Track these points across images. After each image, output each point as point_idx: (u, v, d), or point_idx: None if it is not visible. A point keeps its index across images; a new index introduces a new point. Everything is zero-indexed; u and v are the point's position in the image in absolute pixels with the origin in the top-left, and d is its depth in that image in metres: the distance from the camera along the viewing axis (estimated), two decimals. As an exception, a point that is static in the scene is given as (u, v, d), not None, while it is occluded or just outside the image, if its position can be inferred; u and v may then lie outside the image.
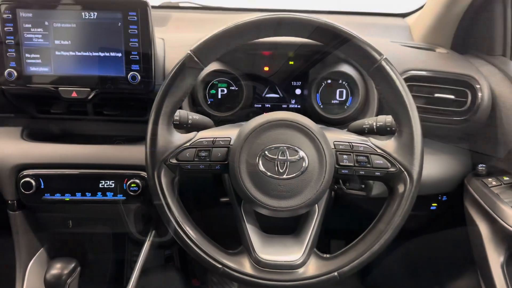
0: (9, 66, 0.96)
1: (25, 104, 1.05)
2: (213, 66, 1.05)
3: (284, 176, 0.73)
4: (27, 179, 0.99)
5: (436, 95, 1.02)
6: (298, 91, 1.09)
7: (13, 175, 1.00)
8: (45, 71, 0.97)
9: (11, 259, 1.09)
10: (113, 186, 1.01)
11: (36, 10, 0.94)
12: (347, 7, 1.46)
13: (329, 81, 1.06)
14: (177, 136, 0.79)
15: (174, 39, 1.11)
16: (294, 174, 0.73)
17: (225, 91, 1.08)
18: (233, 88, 1.07)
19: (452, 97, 1.02)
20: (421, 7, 1.29)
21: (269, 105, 1.09)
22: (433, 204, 1.15)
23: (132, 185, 1.00)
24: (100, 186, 1.01)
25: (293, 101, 1.09)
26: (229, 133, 0.80)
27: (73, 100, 0.99)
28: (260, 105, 1.10)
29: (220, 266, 0.77)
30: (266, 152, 0.74)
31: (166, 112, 0.77)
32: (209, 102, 1.08)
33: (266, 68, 1.08)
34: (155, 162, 0.77)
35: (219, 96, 1.08)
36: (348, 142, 0.78)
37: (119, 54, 0.96)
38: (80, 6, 0.93)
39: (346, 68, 1.05)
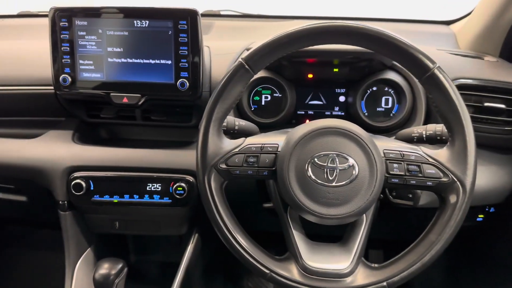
0: (63, 72, 1.00)
1: (76, 108, 1.10)
2: (258, 73, 1.06)
3: (334, 184, 0.73)
4: (78, 180, 1.02)
5: (486, 104, 1.00)
6: (342, 98, 1.09)
7: (65, 176, 1.04)
8: (97, 77, 1.01)
9: (59, 258, 1.13)
10: (159, 189, 1.04)
11: (91, 19, 0.98)
12: (387, 15, 1.45)
13: (374, 88, 1.06)
14: (226, 142, 0.80)
15: (218, 47, 1.13)
16: (344, 182, 0.73)
17: (269, 98, 1.09)
18: (276, 95, 1.08)
19: (503, 106, 0.99)
20: (468, 14, 1.27)
21: (312, 112, 1.10)
22: (479, 216, 1.11)
23: (178, 188, 1.02)
24: (147, 189, 1.04)
25: (336, 108, 1.09)
26: (277, 139, 0.80)
27: (123, 106, 1.02)
28: (303, 112, 1.10)
29: (267, 271, 0.77)
30: (316, 159, 0.74)
31: (217, 118, 0.79)
32: (252, 109, 1.09)
33: (310, 75, 1.08)
34: (206, 166, 0.78)
35: (263, 103, 1.09)
36: (399, 151, 0.77)
37: (169, 62, 0.99)
38: (133, 15, 0.97)
39: (392, 76, 1.04)
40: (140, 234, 1.19)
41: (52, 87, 1.04)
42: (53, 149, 1.06)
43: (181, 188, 1.03)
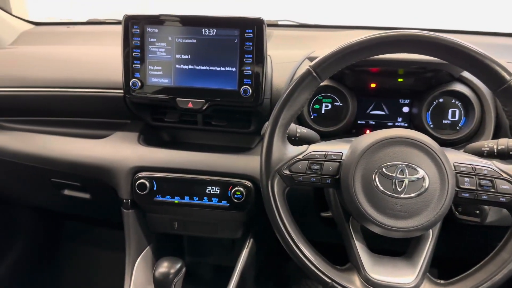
0: (134, 76, 1.05)
1: (142, 112, 1.15)
2: None
3: (402, 195, 0.72)
4: (142, 180, 1.07)
5: None
6: (405, 109, 1.07)
7: (130, 176, 1.09)
8: (165, 82, 1.05)
9: (117, 256, 1.18)
10: (218, 192, 1.06)
11: (162, 26, 1.03)
12: (458, 26, 1.41)
13: (441, 100, 1.03)
14: (290, 148, 0.81)
15: (277, 55, 1.14)
16: (413, 194, 0.71)
17: (329, 106, 1.09)
18: (337, 103, 1.08)
19: None
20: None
21: (373, 122, 1.08)
22: None
23: (237, 193, 1.04)
24: (207, 191, 1.06)
25: (399, 119, 1.07)
26: (340, 147, 0.80)
27: (187, 110, 1.06)
28: (363, 122, 1.09)
29: (329, 281, 0.77)
30: (384, 169, 0.73)
31: (282, 125, 0.80)
32: (312, 117, 1.09)
33: (373, 85, 1.07)
34: (270, 171, 0.79)
35: (323, 111, 1.09)
36: (470, 164, 0.74)
37: (234, 69, 1.01)
38: (202, 23, 1.00)
39: (460, 88, 1.01)
40: (197, 236, 1.21)
41: (121, 91, 1.09)
42: (120, 150, 1.12)
43: (239, 193, 1.04)
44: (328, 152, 0.79)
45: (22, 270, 1.70)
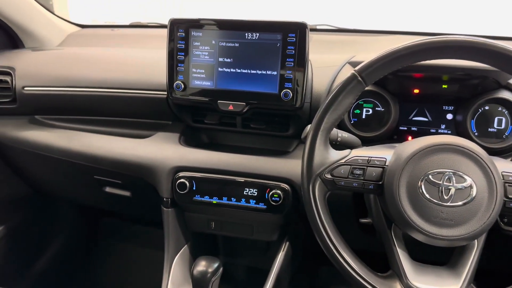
0: (177, 79, 1.08)
1: (183, 113, 1.18)
2: None
3: (449, 204, 0.71)
4: (182, 180, 1.09)
5: None
6: (449, 116, 1.05)
7: (171, 175, 1.11)
8: (207, 85, 1.07)
9: (154, 254, 1.20)
10: (256, 194, 1.07)
11: (206, 30, 1.05)
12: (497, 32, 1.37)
13: (486, 107, 1.00)
14: (332, 152, 0.81)
15: (317, 60, 1.15)
16: (460, 202, 0.70)
17: (370, 111, 1.08)
18: (379, 109, 1.07)
19: None
20: None
21: (415, 129, 1.07)
22: None
23: (274, 195, 1.05)
24: (244, 193, 1.08)
25: (443, 126, 1.05)
26: (384, 153, 0.80)
27: (227, 113, 1.07)
28: (405, 128, 1.07)
29: (370, 287, 0.76)
30: (430, 176, 0.72)
31: (325, 128, 0.80)
32: (352, 122, 1.09)
33: (416, 91, 1.05)
34: (311, 175, 0.80)
35: (363, 116, 1.08)
36: None
37: (275, 73, 1.02)
38: (245, 27, 1.02)
39: (507, 95, 0.98)
40: (233, 236, 1.23)
41: (164, 92, 1.12)
42: (162, 150, 1.15)
43: (276, 195, 1.05)
44: (371, 157, 0.79)
45: (61, 264, 1.77)
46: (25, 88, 1.26)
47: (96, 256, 1.87)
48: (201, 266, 0.96)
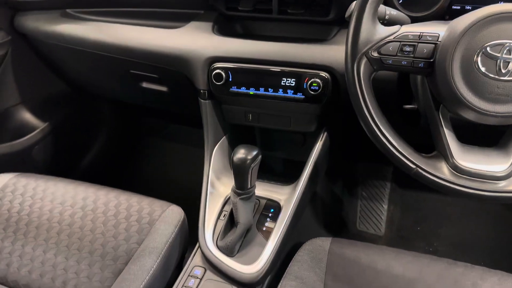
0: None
1: (216, 0, 1.11)
2: None
3: (506, 78, 0.65)
4: (218, 71, 1.06)
5: None
6: (512, -10, 0.93)
7: (206, 66, 1.08)
8: (241, -36, 0.99)
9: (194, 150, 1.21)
10: (293, 84, 1.04)
11: None
12: None
13: None
14: (380, 29, 0.75)
15: None
16: None
17: None
18: None
19: None
20: None
21: (469, 7, 0.97)
22: None
23: (313, 84, 1.01)
24: (282, 83, 1.04)
25: (502, 2, 0.94)
26: (437, 29, 0.73)
27: None
28: (459, 7, 0.97)
29: (413, 166, 0.75)
30: (488, 48, 0.66)
31: (373, 1, 0.73)
32: (400, 1, 0.99)
33: None
34: (356, 53, 0.75)
35: None
36: None
37: None
38: None
39: None
40: (270, 128, 1.23)
41: None
42: (196, 40, 1.11)
43: (315, 84, 1.01)
44: (423, 33, 0.73)
45: (104, 161, 1.87)
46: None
47: (140, 152, 1.96)
48: (241, 153, 0.97)
